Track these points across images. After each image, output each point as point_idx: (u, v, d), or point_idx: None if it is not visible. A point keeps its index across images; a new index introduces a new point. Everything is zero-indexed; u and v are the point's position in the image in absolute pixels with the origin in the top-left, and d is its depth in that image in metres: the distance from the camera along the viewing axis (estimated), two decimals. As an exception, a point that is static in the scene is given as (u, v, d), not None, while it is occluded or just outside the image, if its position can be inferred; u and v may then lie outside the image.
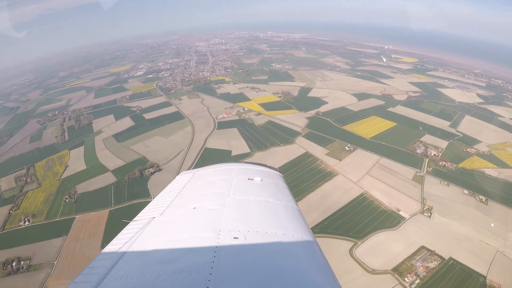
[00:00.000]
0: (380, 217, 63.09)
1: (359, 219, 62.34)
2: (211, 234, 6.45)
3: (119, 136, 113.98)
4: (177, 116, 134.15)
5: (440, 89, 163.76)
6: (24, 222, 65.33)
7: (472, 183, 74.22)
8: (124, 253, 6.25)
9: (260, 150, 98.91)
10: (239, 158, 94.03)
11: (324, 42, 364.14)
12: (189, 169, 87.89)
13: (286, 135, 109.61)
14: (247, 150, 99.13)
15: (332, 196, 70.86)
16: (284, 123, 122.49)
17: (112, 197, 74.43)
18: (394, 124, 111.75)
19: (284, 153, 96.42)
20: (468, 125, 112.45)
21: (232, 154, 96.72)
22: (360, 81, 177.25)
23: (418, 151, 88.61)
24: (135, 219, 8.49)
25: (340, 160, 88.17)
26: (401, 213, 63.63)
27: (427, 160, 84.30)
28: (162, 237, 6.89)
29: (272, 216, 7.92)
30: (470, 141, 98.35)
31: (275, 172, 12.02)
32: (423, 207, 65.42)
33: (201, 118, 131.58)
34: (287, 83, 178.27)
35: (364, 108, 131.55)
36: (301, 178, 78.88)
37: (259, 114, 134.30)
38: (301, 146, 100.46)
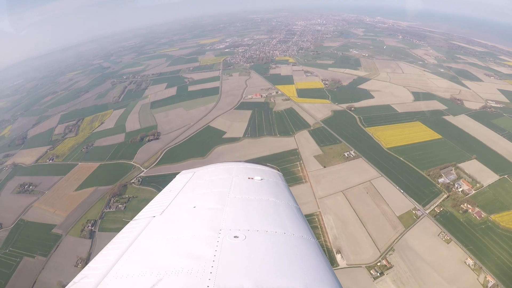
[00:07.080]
0: (307, 250, 48.95)
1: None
2: (211, 233, 6.40)
3: (155, 104, 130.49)
4: (213, 92, 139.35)
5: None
6: (49, 160, 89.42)
7: (491, 250, 44.95)
8: (124, 252, 6.26)
9: (252, 137, 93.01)
10: (229, 141, 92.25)
11: (429, 33, 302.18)
12: (177, 144, 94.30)
13: (292, 126, 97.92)
14: (241, 135, 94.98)
15: (275, 207, 59.65)
16: (303, 113, 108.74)
17: (110, 154, 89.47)
18: (438, 136, 79.04)
19: (272, 145, 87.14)
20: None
21: (223, 136, 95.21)
22: (435, 79, 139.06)
23: (442, 180, 59.60)
24: (135, 218, 8.46)
25: (324, 167, 71.88)
26: (338, 257, 47.26)
27: (444, 196, 55.76)
28: (163, 236, 6.89)
29: (272, 215, 7.85)
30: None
31: (275, 171, 11.97)
32: (378, 261, 45.84)
33: (231, 96, 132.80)
34: (348, 70, 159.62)
35: (413, 110, 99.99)
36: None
37: (287, 99, 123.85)
38: (297, 141, 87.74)
